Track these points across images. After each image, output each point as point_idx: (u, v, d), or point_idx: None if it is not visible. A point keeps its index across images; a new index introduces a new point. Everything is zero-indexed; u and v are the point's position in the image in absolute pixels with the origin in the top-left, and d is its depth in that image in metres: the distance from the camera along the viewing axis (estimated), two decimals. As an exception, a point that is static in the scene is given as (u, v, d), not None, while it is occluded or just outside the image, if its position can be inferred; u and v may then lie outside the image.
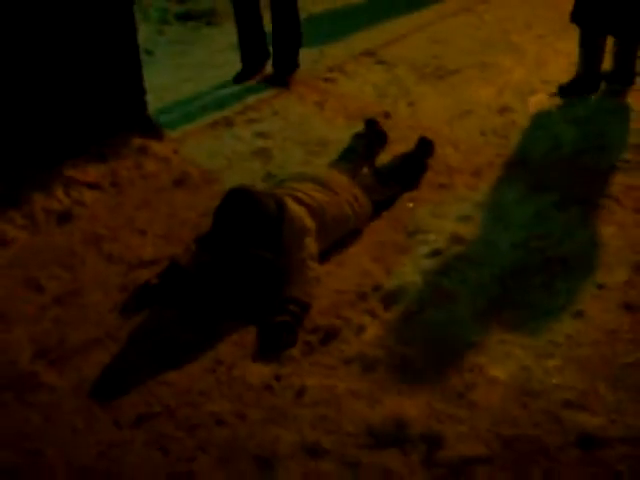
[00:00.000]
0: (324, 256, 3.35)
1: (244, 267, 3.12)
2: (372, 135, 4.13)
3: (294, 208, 3.23)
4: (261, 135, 4.45)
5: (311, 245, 3.19)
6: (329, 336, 2.97)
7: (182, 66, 5.46)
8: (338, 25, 6.11)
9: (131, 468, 2.50)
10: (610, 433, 2.55)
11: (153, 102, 4.51)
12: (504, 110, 4.68)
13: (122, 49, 4.13)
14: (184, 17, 6.47)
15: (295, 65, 5.13)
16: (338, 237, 3.42)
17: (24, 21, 3.66)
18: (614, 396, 2.70)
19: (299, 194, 3.34)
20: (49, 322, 3.12)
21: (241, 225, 3.09)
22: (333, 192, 3.42)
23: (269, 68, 5.18)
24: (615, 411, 2.64)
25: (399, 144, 4.23)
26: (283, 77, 5.06)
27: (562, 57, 5.20)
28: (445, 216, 3.68)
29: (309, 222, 3.23)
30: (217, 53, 5.71)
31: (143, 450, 2.56)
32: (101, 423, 2.66)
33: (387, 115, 4.60)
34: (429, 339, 2.95)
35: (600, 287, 3.19)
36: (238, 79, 5.07)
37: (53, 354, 2.96)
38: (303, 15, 6.03)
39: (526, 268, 3.29)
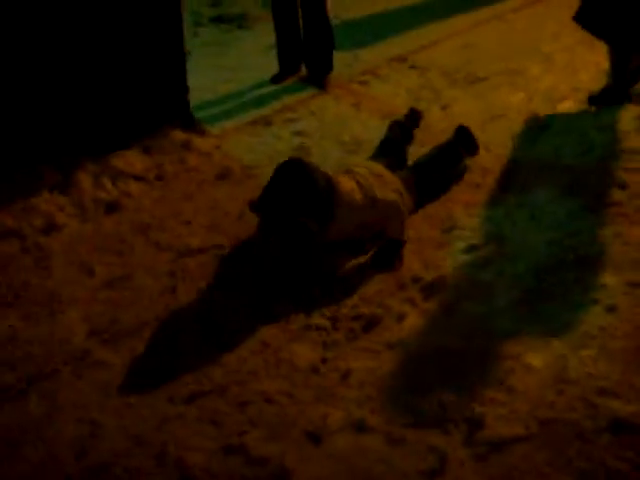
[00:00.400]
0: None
1: (289, 233, 3.24)
2: (410, 120, 4.27)
3: (345, 183, 3.37)
4: (299, 134, 4.60)
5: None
6: (371, 323, 3.10)
7: (218, 67, 5.60)
8: (371, 31, 6.24)
9: (185, 440, 2.63)
10: (642, 419, 2.68)
11: (193, 100, 4.66)
12: (534, 115, 4.79)
13: (168, 47, 4.28)
14: (217, 20, 6.63)
15: (329, 68, 5.26)
16: (385, 225, 3.50)
17: (78, 21, 3.82)
18: (645, 386, 2.82)
19: (353, 171, 3.51)
20: (101, 304, 3.26)
21: (291, 194, 3.19)
22: (383, 181, 3.55)
23: (305, 70, 5.32)
24: (646, 399, 2.76)
25: (431, 146, 4.34)
26: (318, 78, 5.19)
27: (591, 66, 5.30)
28: (480, 214, 3.80)
29: (358, 196, 3.36)
30: (251, 55, 5.85)
31: (196, 424, 2.70)
32: (155, 399, 2.80)
33: (421, 117, 4.71)
34: (467, 328, 3.07)
35: (630, 284, 3.29)
36: (275, 79, 5.22)
37: (106, 334, 3.11)
38: (336, 21, 6.21)
39: (560, 264, 3.40)
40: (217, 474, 2.52)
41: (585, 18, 4.67)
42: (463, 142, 4.15)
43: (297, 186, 3.19)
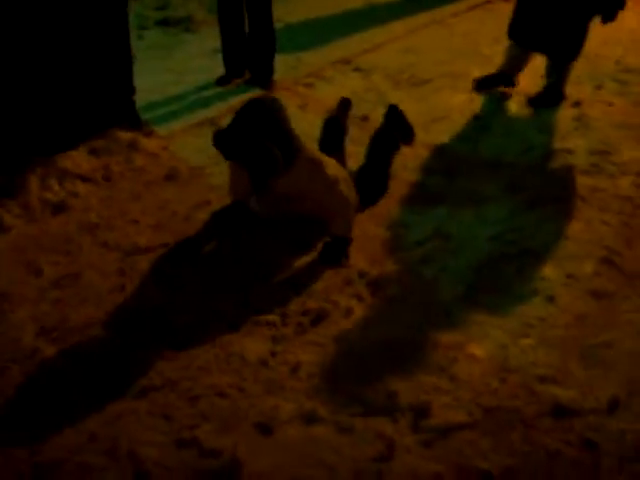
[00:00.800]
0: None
1: (254, 159, 3.22)
2: (341, 109, 4.29)
3: (314, 151, 3.45)
4: (245, 135, 4.63)
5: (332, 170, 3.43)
6: (319, 318, 3.16)
7: (165, 69, 5.61)
8: (314, 34, 6.32)
9: (137, 434, 2.65)
10: (581, 405, 2.78)
11: (140, 102, 4.66)
12: (476, 117, 4.91)
13: (114, 49, 4.28)
14: (163, 23, 6.64)
15: (271, 71, 5.31)
16: (328, 217, 3.54)
17: (23, 23, 3.81)
18: (584, 372, 2.93)
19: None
20: (50, 303, 3.26)
21: (257, 125, 3.19)
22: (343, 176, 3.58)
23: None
24: (586, 385, 2.87)
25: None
26: (262, 81, 5.24)
27: (530, 68, 5.44)
28: (423, 212, 3.89)
29: (321, 167, 3.40)
30: (197, 58, 5.87)
31: (148, 418, 2.72)
32: (105, 395, 2.81)
33: (365, 118, 4.80)
34: (412, 321, 3.15)
35: (569, 276, 3.43)
36: (221, 81, 5.26)
37: (55, 332, 3.10)
38: (280, 25, 6.27)
39: (502, 258, 3.52)
40: (170, 467, 2.54)
41: (518, 33, 4.83)
42: (397, 125, 4.16)
43: (264, 119, 3.19)
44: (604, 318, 3.21)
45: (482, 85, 5.16)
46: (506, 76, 5.14)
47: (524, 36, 4.89)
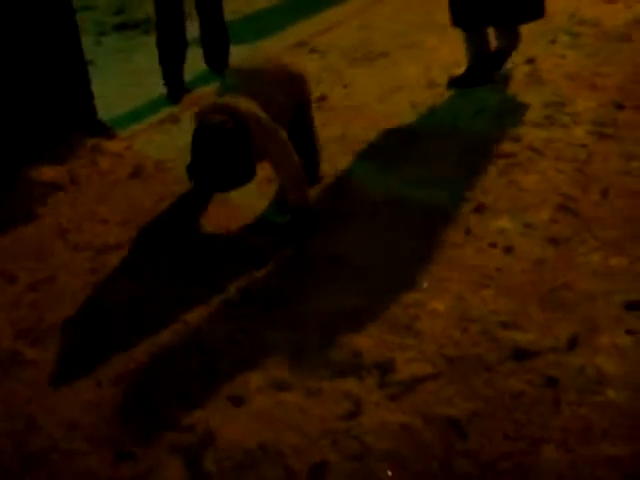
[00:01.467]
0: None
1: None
2: None
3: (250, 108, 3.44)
4: (207, 126, 4.71)
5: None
6: (283, 294, 3.26)
7: (125, 72, 5.68)
8: (272, 22, 6.40)
9: (116, 419, 2.76)
10: (541, 345, 2.88)
11: (101, 106, 4.76)
12: (432, 84, 5.00)
13: (68, 57, 4.39)
14: (121, 28, 6.70)
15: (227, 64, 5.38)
16: (291, 173, 3.59)
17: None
18: (543, 315, 3.03)
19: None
20: (26, 307, 3.36)
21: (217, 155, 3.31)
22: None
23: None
24: (545, 327, 2.97)
25: (336, 124, 4.54)
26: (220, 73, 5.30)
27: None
28: (379, 181, 3.99)
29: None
30: (156, 58, 5.87)
31: (124, 403, 2.83)
32: (83, 386, 2.91)
33: (323, 98, 4.88)
34: (373, 287, 3.26)
35: (526, 226, 3.53)
36: (173, 97, 5.19)
37: (33, 334, 3.20)
38: (238, 16, 6.37)
39: (456, 213, 3.63)
40: (149, 445, 2.64)
41: (462, 18, 4.76)
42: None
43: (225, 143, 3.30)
44: (562, 262, 3.31)
45: (456, 84, 4.91)
46: (478, 70, 4.88)
47: (469, 18, 4.73)
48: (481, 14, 4.68)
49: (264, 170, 3.73)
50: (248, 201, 3.88)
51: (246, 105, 3.42)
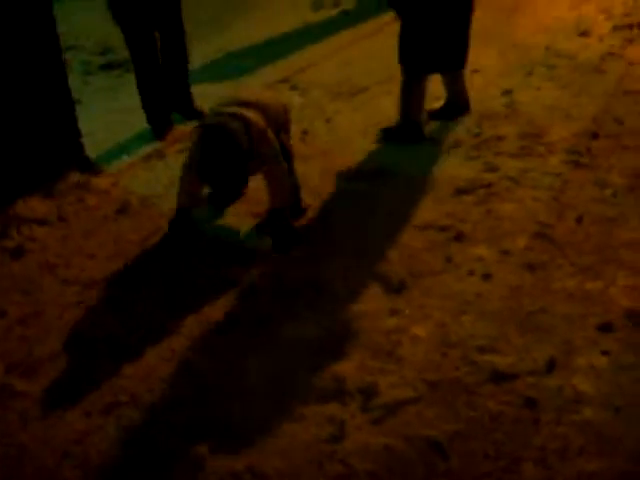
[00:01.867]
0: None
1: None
2: None
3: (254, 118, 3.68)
4: (192, 162, 4.82)
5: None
6: (268, 320, 3.35)
7: (111, 110, 5.77)
8: (254, 59, 6.53)
9: (105, 447, 2.82)
10: (520, 368, 2.97)
11: (88, 144, 4.85)
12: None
13: (55, 96, 4.49)
14: (107, 67, 6.84)
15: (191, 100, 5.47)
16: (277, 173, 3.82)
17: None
18: (522, 339, 3.13)
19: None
20: (16, 340, 3.41)
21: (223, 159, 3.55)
22: None
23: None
24: (523, 350, 3.07)
25: (318, 158, 4.65)
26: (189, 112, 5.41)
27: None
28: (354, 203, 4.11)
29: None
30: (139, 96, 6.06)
31: (114, 432, 2.88)
32: (73, 416, 2.97)
33: (305, 132, 5.00)
34: (350, 315, 3.35)
35: (504, 253, 3.63)
36: (158, 134, 5.27)
37: (22, 367, 3.26)
38: (221, 54, 6.52)
39: (434, 245, 3.72)
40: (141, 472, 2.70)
41: (412, 60, 4.74)
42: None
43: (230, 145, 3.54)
44: (538, 287, 3.41)
45: (387, 137, 4.92)
46: (412, 124, 4.82)
47: (419, 61, 4.69)
48: (431, 59, 4.67)
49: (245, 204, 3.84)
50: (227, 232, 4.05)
51: (249, 114, 3.68)
